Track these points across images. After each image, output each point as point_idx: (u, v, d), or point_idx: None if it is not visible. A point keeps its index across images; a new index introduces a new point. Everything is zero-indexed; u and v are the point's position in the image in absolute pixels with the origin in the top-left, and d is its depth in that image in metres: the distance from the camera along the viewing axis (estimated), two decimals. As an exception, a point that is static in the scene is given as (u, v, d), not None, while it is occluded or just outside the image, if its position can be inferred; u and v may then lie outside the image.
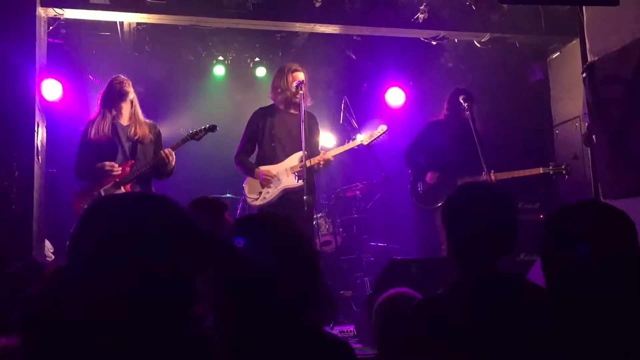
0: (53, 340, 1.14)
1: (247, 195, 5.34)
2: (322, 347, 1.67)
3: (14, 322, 1.18)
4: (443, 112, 5.93)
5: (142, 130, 5.05)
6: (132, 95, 5.05)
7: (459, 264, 2.10)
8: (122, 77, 5.10)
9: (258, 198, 5.24)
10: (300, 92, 5.12)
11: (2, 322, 1.44)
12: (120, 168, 4.90)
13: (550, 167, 5.62)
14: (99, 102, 5.08)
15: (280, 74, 5.37)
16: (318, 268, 1.72)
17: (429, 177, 5.77)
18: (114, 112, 5.00)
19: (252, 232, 1.68)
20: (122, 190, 4.89)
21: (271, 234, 1.68)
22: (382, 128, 5.32)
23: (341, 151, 5.38)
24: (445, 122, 5.90)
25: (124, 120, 5.04)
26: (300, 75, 5.27)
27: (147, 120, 5.21)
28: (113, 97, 5.01)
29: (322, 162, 5.17)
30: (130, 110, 5.05)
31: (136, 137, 5.01)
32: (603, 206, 2.03)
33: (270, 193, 5.20)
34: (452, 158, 5.66)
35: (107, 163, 4.86)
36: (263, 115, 5.40)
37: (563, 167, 5.62)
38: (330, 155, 5.23)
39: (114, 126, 4.97)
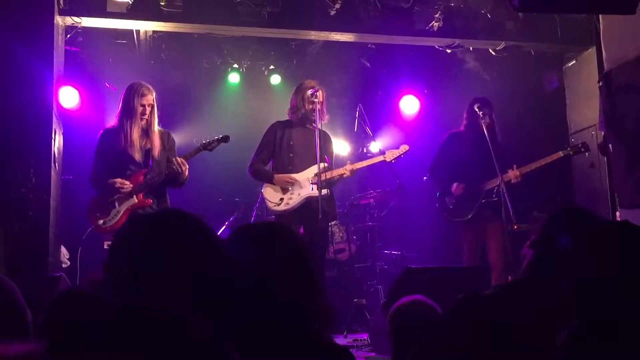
0: (80, 347, 1.15)
1: (269, 200, 5.25)
2: (322, 355, 1.67)
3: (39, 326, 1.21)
4: (463, 123, 5.83)
5: (155, 139, 4.93)
6: (152, 104, 4.90)
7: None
8: (144, 85, 4.92)
9: (280, 204, 5.19)
10: (314, 100, 5.13)
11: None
12: (131, 185, 4.80)
13: (569, 149, 5.58)
14: (119, 109, 4.93)
15: (297, 92, 5.35)
16: (316, 278, 1.73)
17: (454, 188, 5.66)
18: (131, 121, 4.84)
19: (253, 240, 1.71)
20: (135, 199, 4.81)
21: (271, 243, 1.70)
22: (405, 148, 5.40)
23: (365, 165, 5.39)
24: (464, 133, 5.79)
25: (140, 129, 4.89)
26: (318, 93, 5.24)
27: (161, 129, 5.09)
28: (132, 106, 4.85)
29: (347, 173, 5.21)
30: (148, 119, 4.90)
31: (150, 147, 4.92)
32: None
33: (294, 199, 5.16)
34: (474, 168, 5.59)
35: (118, 180, 4.78)
36: (281, 127, 5.40)
37: (580, 144, 5.55)
38: (356, 166, 5.27)
39: (130, 135, 4.84)
